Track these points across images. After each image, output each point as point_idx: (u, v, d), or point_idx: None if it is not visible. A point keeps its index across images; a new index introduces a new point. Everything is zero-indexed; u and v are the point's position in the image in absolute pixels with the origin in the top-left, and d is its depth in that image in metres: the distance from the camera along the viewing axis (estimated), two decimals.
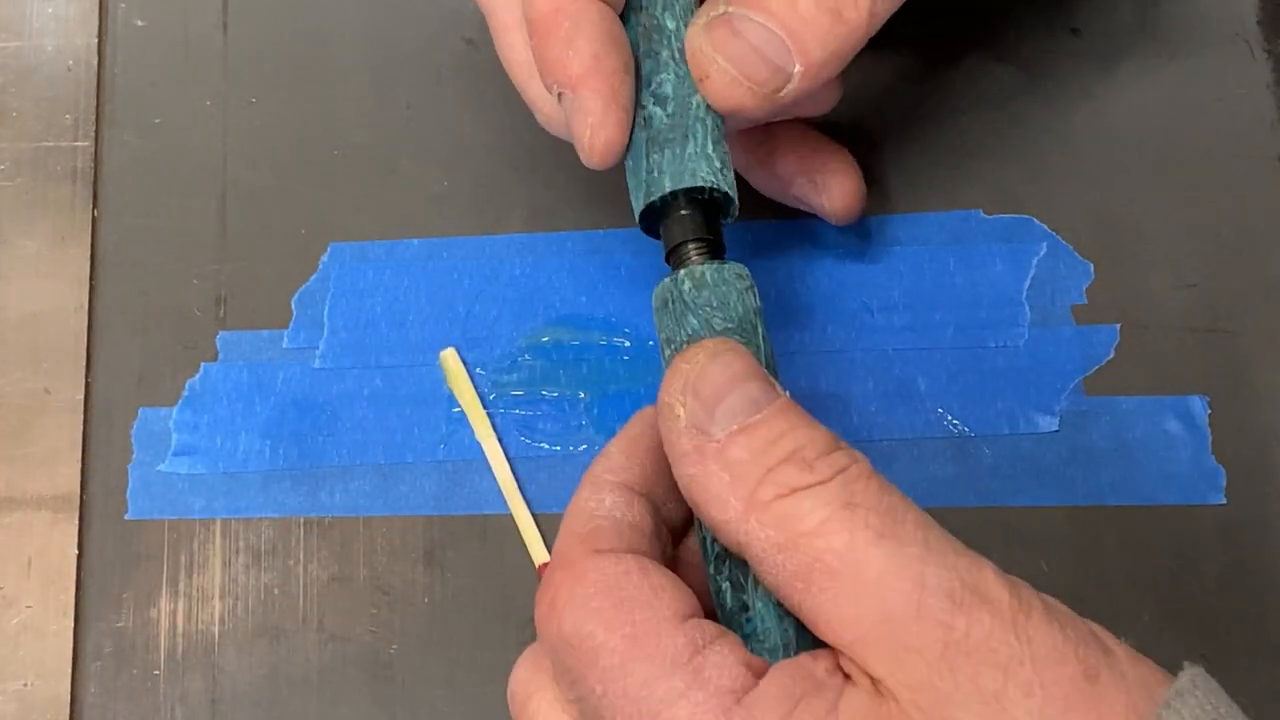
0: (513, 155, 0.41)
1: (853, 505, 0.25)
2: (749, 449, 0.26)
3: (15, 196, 0.41)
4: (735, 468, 0.26)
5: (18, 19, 0.43)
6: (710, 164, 0.31)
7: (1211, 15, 0.41)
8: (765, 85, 0.31)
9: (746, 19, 0.31)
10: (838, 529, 0.24)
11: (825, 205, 0.37)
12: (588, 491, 0.29)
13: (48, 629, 0.37)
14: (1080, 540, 0.36)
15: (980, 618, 0.23)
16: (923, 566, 0.24)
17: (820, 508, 0.25)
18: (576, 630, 0.25)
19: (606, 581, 0.26)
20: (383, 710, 0.36)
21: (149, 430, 0.39)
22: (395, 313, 0.39)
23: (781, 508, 0.25)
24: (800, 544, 0.25)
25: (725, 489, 0.25)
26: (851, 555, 0.24)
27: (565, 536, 0.28)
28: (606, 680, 0.25)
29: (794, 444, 0.26)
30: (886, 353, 0.38)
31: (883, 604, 0.24)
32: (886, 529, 0.24)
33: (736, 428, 0.26)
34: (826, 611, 0.24)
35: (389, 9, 0.42)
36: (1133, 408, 0.37)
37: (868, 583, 0.24)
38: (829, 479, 0.25)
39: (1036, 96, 0.41)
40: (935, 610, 0.23)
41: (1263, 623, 0.36)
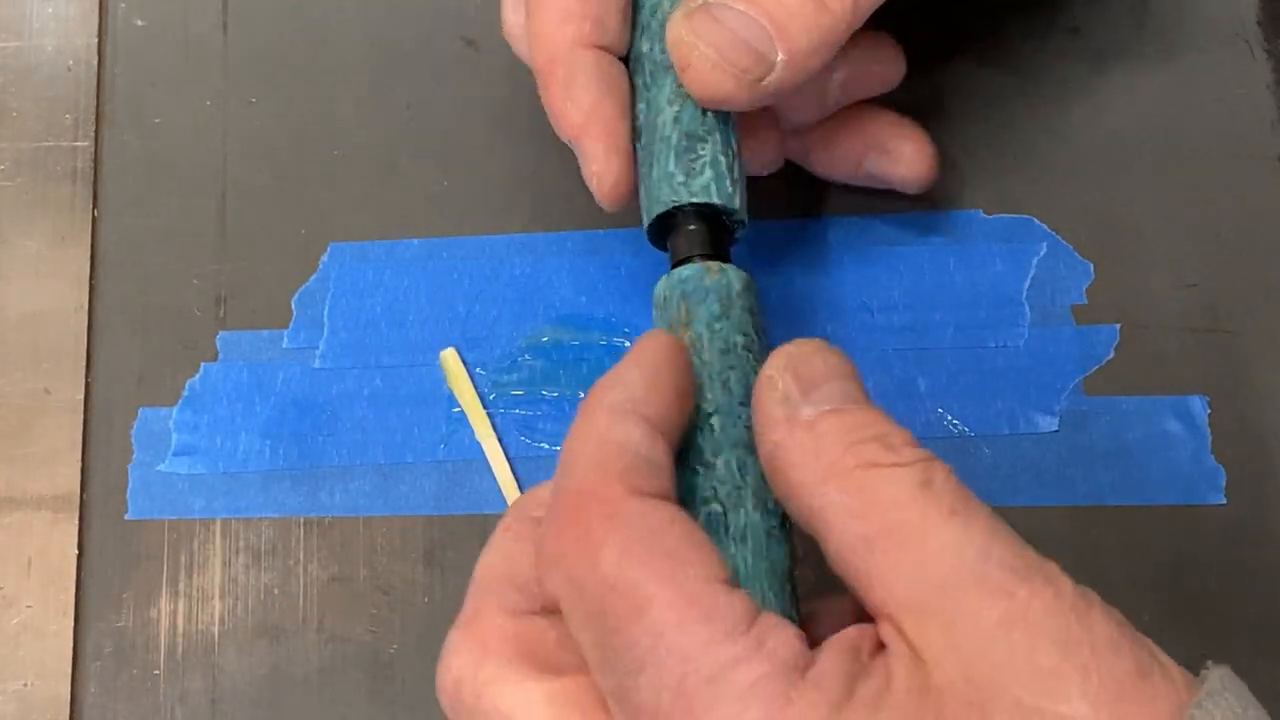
0: (513, 155, 0.41)
1: (930, 485, 0.25)
2: (838, 425, 0.26)
3: (15, 196, 0.41)
4: (823, 438, 0.26)
5: (18, 19, 0.43)
6: (670, 182, 0.32)
7: (1211, 15, 0.41)
8: (748, 73, 0.31)
9: (727, 7, 0.31)
10: (912, 502, 0.24)
11: (903, 173, 0.37)
12: (609, 420, 0.26)
13: (48, 629, 0.37)
14: (1080, 540, 0.36)
15: (1044, 592, 0.23)
16: (989, 542, 0.24)
17: (898, 481, 0.25)
18: (622, 576, 0.24)
19: (651, 528, 0.24)
20: (383, 710, 0.36)
21: (149, 430, 0.39)
22: (395, 313, 0.39)
23: (861, 477, 0.25)
24: (873, 511, 0.25)
25: (809, 455, 0.26)
26: (922, 525, 0.24)
27: (592, 468, 0.26)
28: (658, 634, 0.23)
29: (880, 430, 0.26)
30: (886, 353, 0.38)
31: (945, 570, 0.24)
32: (959, 508, 0.24)
33: (829, 409, 0.26)
34: (885, 574, 0.24)
35: (389, 9, 0.42)
36: (1133, 408, 0.37)
37: (933, 549, 0.24)
38: (910, 462, 0.25)
39: (1036, 96, 0.41)
40: (998, 579, 0.23)
41: (1263, 623, 0.36)
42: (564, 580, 0.25)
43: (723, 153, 0.32)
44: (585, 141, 0.32)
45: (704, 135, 0.32)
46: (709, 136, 0.32)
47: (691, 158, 0.32)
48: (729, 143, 0.33)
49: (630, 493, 0.25)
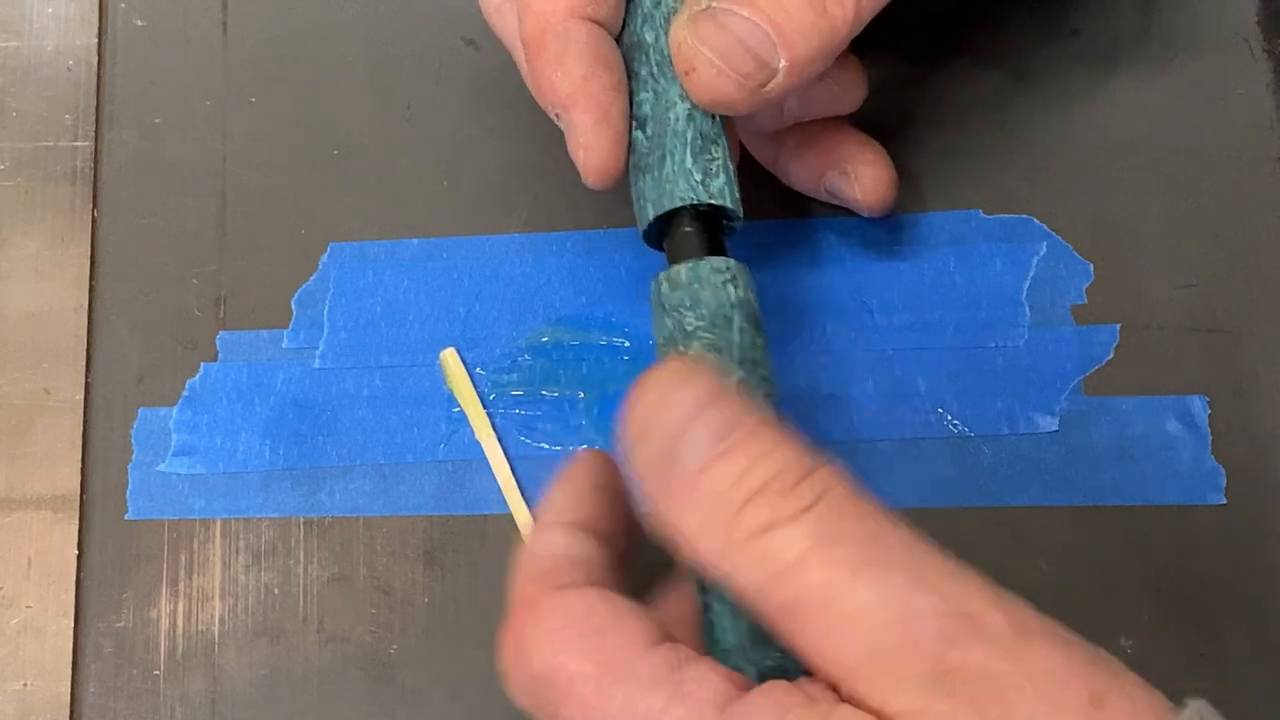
0: (513, 155, 0.41)
1: (829, 539, 0.23)
2: (721, 482, 0.24)
3: (15, 196, 0.41)
4: (708, 503, 0.24)
5: (18, 19, 0.43)
6: (689, 179, 0.31)
7: (1211, 15, 0.41)
8: (751, 79, 0.31)
9: (730, 13, 0.31)
10: (815, 564, 0.23)
11: (858, 197, 0.37)
12: (534, 535, 0.28)
13: (48, 629, 0.37)
14: (1080, 540, 0.36)
15: (973, 647, 0.22)
16: (908, 595, 0.23)
17: (797, 542, 0.23)
18: (547, 664, 0.25)
19: (571, 614, 0.26)
20: (383, 710, 0.36)
21: (149, 430, 0.39)
22: (395, 313, 0.39)
23: (758, 546, 0.24)
24: (781, 581, 0.23)
25: (700, 527, 0.24)
26: (831, 590, 0.23)
27: (520, 581, 0.27)
28: (585, 708, 0.24)
29: (767, 472, 0.24)
30: (886, 353, 0.38)
31: (869, 638, 0.23)
32: (868, 558, 0.23)
33: (705, 459, 0.24)
34: (815, 647, 0.23)
35: (389, 9, 0.42)
36: (1133, 408, 0.37)
37: (849, 617, 0.23)
38: (805, 509, 0.24)
39: (1036, 96, 0.41)
40: (927, 640, 0.22)
41: (1263, 623, 0.36)
42: (515, 688, 0.26)
43: (730, 156, 0.32)
44: (574, 113, 0.32)
45: (715, 137, 0.32)
46: (719, 139, 0.32)
47: (708, 158, 0.32)
48: (729, 149, 0.33)
49: (550, 589, 0.26)
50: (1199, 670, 0.35)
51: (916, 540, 0.24)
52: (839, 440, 0.37)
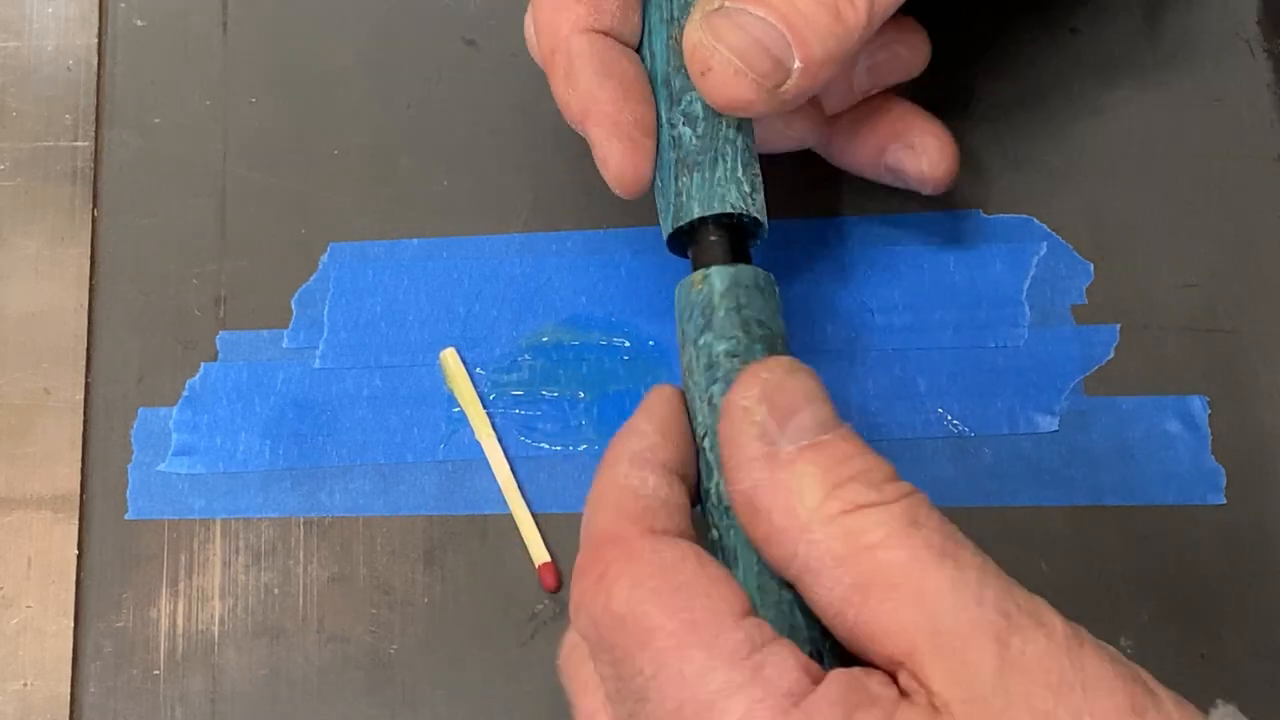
0: (513, 155, 0.41)
1: (917, 524, 0.25)
2: (818, 463, 0.26)
3: (15, 196, 0.41)
4: (804, 479, 0.25)
5: (18, 19, 0.43)
6: (740, 188, 0.31)
7: (1211, 15, 0.41)
8: (768, 79, 0.31)
9: (745, 12, 0.31)
10: (900, 544, 0.24)
11: (924, 169, 0.37)
12: (628, 468, 0.28)
13: (48, 629, 0.37)
14: (1080, 540, 0.36)
15: (1035, 637, 0.23)
16: (981, 585, 0.24)
17: (885, 523, 0.25)
18: (630, 608, 0.25)
19: (664, 564, 0.26)
20: (383, 710, 0.36)
21: (149, 430, 0.39)
22: (395, 313, 0.39)
23: (846, 521, 0.25)
24: (862, 557, 0.24)
25: (791, 498, 0.25)
26: (913, 568, 0.24)
27: (610, 513, 0.27)
28: (660, 662, 0.24)
29: (861, 465, 0.26)
30: (886, 353, 0.38)
31: (941, 617, 0.24)
32: (948, 548, 0.24)
33: (807, 443, 0.26)
34: (884, 623, 0.24)
35: (389, 9, 0.42)
36: (1133, 408, 0.37)
37: (928, 595, 0.24)
38: (894, 500, 0.25)
39: (1036, 97, 0.41)
40: (992, 626, 0.23)
41: (1263, 622, 0.36)
42: (586, 620, 0.26)
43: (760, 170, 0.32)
44: (589, 128, 0.32)
45: (755, 153, 0.32)
46: (756, 152, 0.32)
47: (753, 173, 0.32)
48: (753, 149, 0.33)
49: (644, 533, 0.26)
50: (1199, 670, 0.35)
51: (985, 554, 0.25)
52: None
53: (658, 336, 0.39)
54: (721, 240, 0.31)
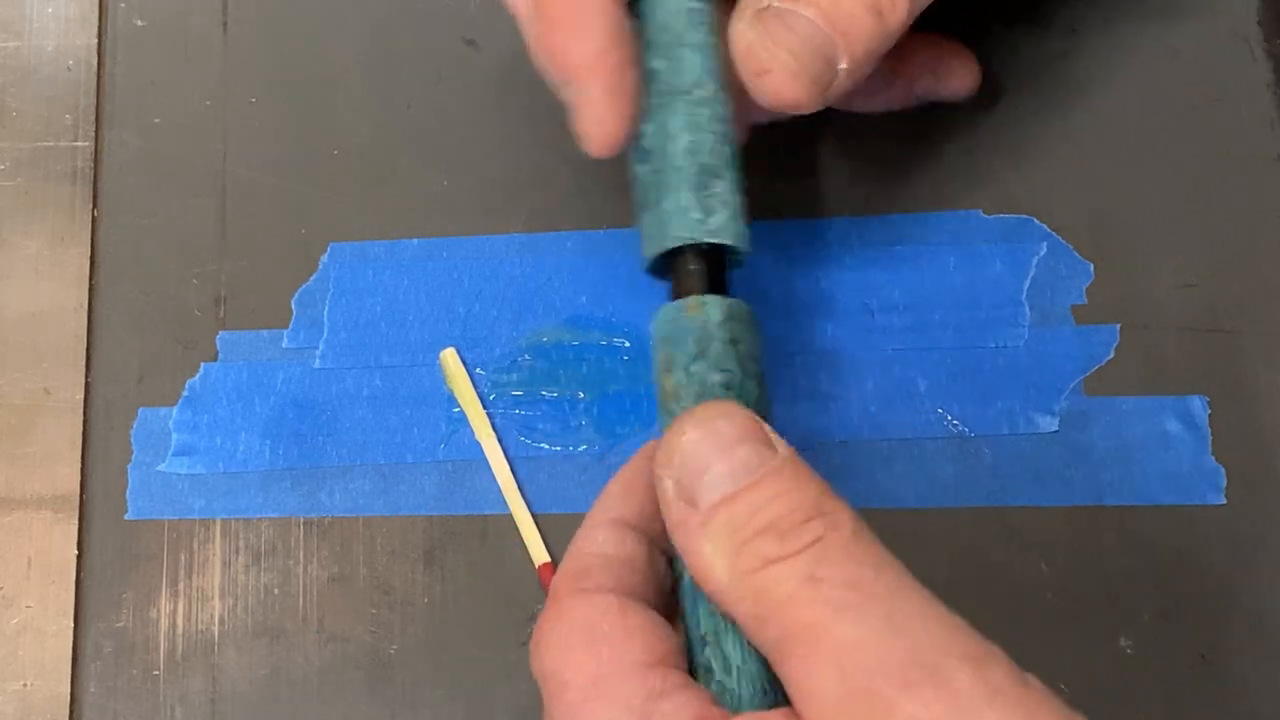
0: (513, 155, 0.41)
1: (816, 579, 0.24)
2: (729, 522, 0.26)
3: (15, 196, 0.41)
4: (717, 539, 0.26)
5: (18, 19, 0.43)
6: (685, 216, 0.31)
7: (1211, 15, 0.41)
8: (821, 79, 0.31)
9: (796, 14, 0.31)
10: (804, 603, 0.24)
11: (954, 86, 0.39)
12: (583, 531, 0.29)
13: (48, 629, 0.37)
14: (1080, 540, 0.36)
15: (930, 702, 0.23)
16: (879, 641, 0.23)
17: (787, 581, 0.24)
18: (550, 667, 0.27)
19: (584, 620, 0.27)
20: (383, 710, 0.36)
21: (149, 430, 0.39)
22: (395, 313, 0.39)
23: (756, 581, 0.25)
24: (774, 615, 0.25)
25: (710, 560, 0.26)
26: (814, 629, 0.24)
27: (559, 575, 0.28)
28: (569, 714, 0.26)
29: (772, 514, 0.25)
30: (886, 353, 0.38)
31: (842, 679, 0.23)
32: (848, 602, 0.24)
33: (718, 499, 0.26)
34: (799, 681, 0.24)
35: (389, 9, 0.42)
36: (1133, 408, 0.37)
37: (828, 656, 0.24)
38: (799, 551, 0.25)
39: (1036, 96, 0.41)
40: (885, 689, 0.23)
41: (1262, 622, 0.36)
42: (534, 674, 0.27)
43: (735, 190, 0.32)
44: (588, 82, 0.31)
45: (719, 169, 0.31)
46: (724, 172, 0.31)
47: (707, 193, 0.31)
48: (740, 177, 0.32)
49: (573, 591, 0.27)
50: (1199, 670, 0.35)
51: (907, 585, 0.24)
52: (839, 440, 0.37)
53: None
54: (701, 269, 0.31)
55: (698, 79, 0.32)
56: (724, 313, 0.30)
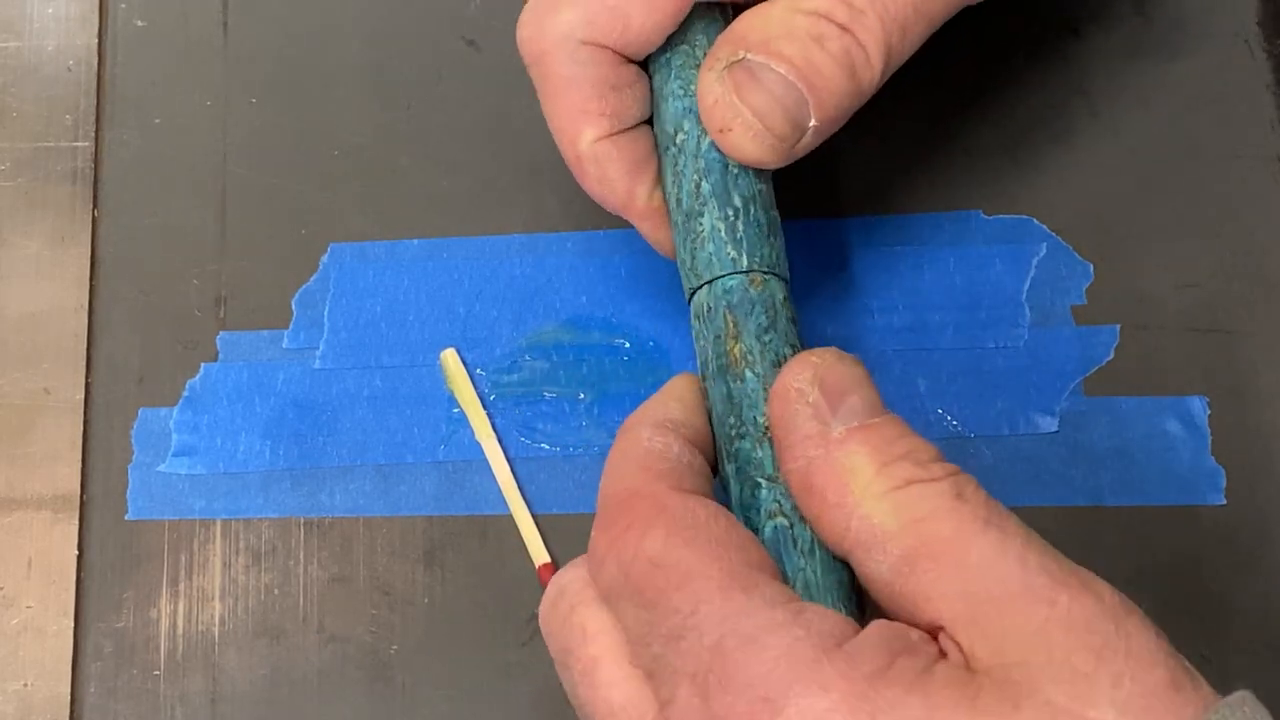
0: (513, 155, 0.41)
1: (962, 498, 0.25)
2: (869, 443, 0.26)
3: (15, 196, 0.41)
4: (855, 457, 0.26)
5: (18, 19, 0.43)
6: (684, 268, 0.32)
7: (1211, 15, 0.41)
8: (785, 140, 0.31)
9: (768, 69, 0.30)
10: (947, 517, 0.25)
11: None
12: (651, 432, 0.29)
13: (48, 629, 0.37)
14: (1080, 540, 0.36)
15: (1084, 599, 0.24)
16: (1025, 550, 0.24)
17: (932, 498, 0.25)
18: (667, 553, 0.25)
19: (697, 520, 0.26)
20: (383, 710, 0.36)
21: (149, 430, 0.39)
22: (395, 313, 0.39)
23: (896, 497, 0.25)
24: (910, 530, 0.25)
25: (844, 475, 0.26)
26: (959, 540, 0.25)
27: (637, 471, 0.28)
28: (699, 600, 0.25)
29: (909, 446, 0.26)
30: (886, 353, 0.38)
31: (986, 584, 0.24)
32: (993, 519, 0.25)
33: (858, 424, 0.27)
34: (928, 590, 0.25)
35: (389, 9, 0.42)
36: (1132, 408, 0.37)
37: (972, 564, 0.24)
38: (941, 477, 0.26)
39: (1036, 97, 0.41)
40: (1039, 587, 0.24)
41: (1263, 623, 0.36)
42: (614, 567, 0.26)
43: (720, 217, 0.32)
44: (630, 218, 0.34)
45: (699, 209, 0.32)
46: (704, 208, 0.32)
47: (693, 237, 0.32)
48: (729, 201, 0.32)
49: (674, 489, 0.27)
50: (1199, 670, 0.35)
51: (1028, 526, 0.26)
52: None
53: (658, 336, 0.39)
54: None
55: (678, 124, 0.32)
56: (785, 291, 0.31)
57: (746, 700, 0.23)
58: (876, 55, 0.31)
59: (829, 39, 0.31)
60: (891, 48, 0.31)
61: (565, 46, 0.32)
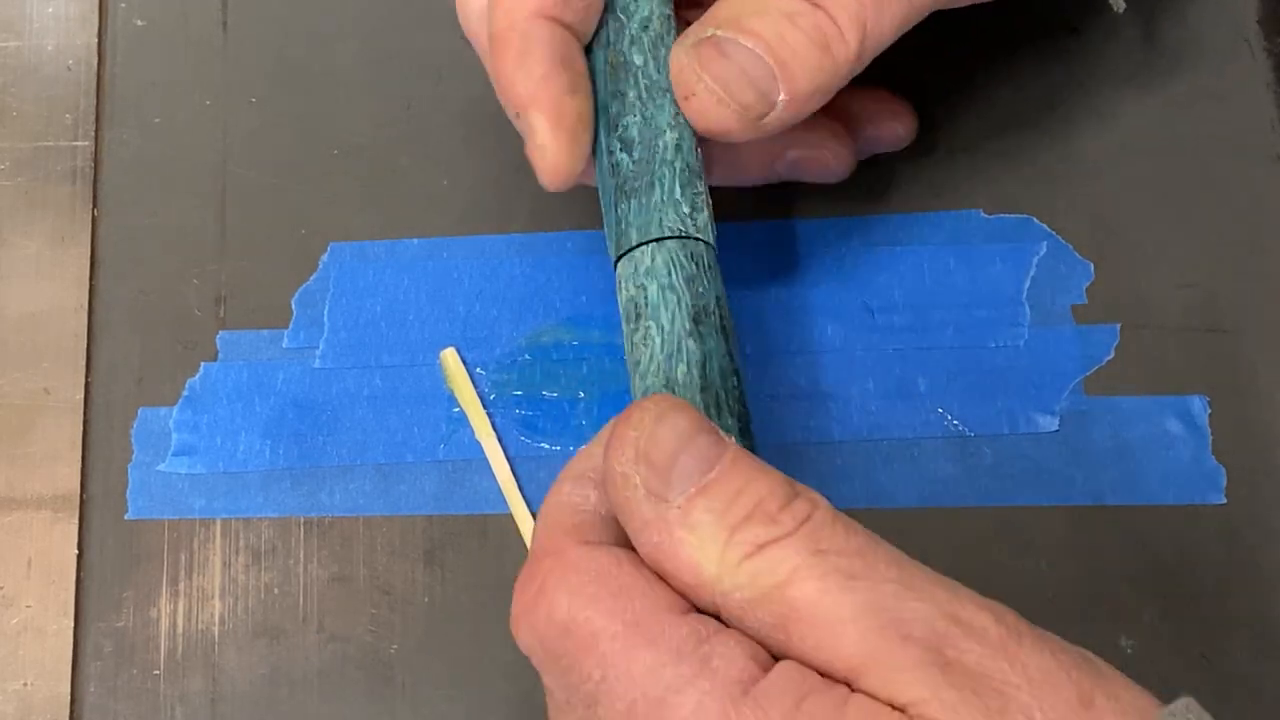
0: (513, 155, 0.41)
1: (820, 551, 0.24)
2: (710, 510, 0.25)
3: (15, 196, 0.41)
4: (700, 531, 0.25)
5: (18, 19, 0.43)
6: (678, 209, 0.31)
7: (1211, 15, 0.41)
8: (750, 110, 0.31)
9: (735, 43, 0.31)
10: (808, 575, 0.24)
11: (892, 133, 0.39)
12: (570, 486, 0.28)
13: (48, 629, 0.37)
14: (1080, 540, 0.36)
15: (969, 647, 0.23)
16: (900, 602, 0.24)
17: (789, 558, 0.24)
18: (572, 616, 0.25)
19: (601, 571, 0.25)
20: (383, 710, 0.36)
21: (149, 430, 0.39)
22: (395, 313, 0.39)
23: (751, 566, 0.24)
24: (774, 597, 0.24)
25: (693, 554, 0.25)
26: (825, 600, 0.24)
27: (548, 529, 0.27)
28: (607, 665, 0.24)
29: (755, 498, 0.25)
30: (886, 353, 0.38)
31: (866, 642, 0.23)
32: (857, 569, 0.24)
33: (694, 490, 0.25)
34: (812, 656, 0.24)
35: (389, 9, 0.42)
36: (1133, 408, 0.37)
37: (846, 624, 0.24)
38: (794, 529, 0.25)
39: (1036, 96, 0.41)
40: (922, 642, 0.23)
41: (1263, 623, 0.36)
42: (528, 633, 0.26)
43: (709, 190, 0.32)
44: (531, 113, 0.32)
45: (699, 170, 0.32)
46: (703, 171, 0.32)
47: (694, 191, 0.32)
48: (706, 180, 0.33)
49: (578, 543, 0.26)
50: (1199, 670, 0.35)
51: (901, 555, 0.25)
52: (840, 440, 0.37)
53: None
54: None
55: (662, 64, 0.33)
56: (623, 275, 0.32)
57: None
58: (851, 31, 0.31)
59: (800, 15, 0.31)
60: (867, 23, 0.31)
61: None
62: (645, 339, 0.30)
